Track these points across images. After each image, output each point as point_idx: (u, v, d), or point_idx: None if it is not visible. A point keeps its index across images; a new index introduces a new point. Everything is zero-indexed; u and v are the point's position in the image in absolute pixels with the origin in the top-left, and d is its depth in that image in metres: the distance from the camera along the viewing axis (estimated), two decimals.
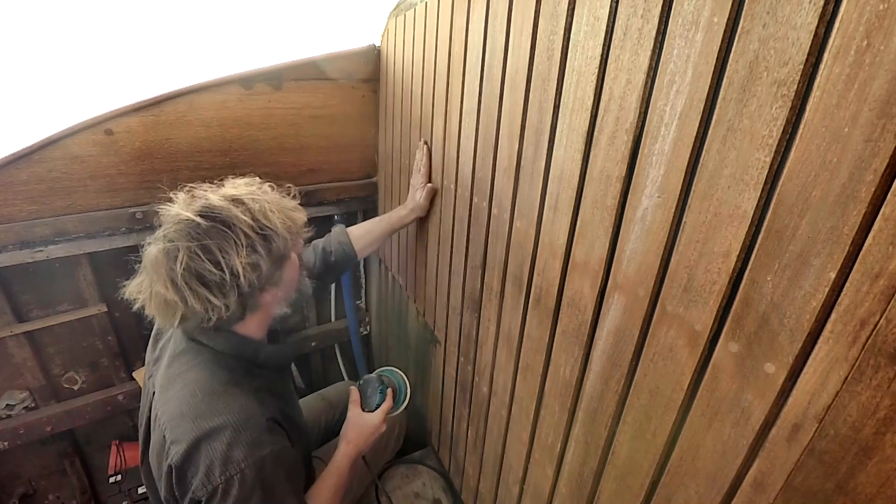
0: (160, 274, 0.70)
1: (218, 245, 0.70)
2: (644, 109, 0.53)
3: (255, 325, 0.84)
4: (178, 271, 0.69)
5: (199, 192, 0.77)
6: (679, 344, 0.51)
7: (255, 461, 0.70)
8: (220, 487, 0.69)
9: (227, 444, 0.70)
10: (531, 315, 0.82)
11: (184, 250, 0.69)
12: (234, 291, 0.72)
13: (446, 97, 1.03)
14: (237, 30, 2.86)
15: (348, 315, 1.90)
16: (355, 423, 1.02)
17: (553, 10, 0.66)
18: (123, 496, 1.66)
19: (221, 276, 0.70)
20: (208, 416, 0.72)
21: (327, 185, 1.68)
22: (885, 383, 0.34)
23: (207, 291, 0.70)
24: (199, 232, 0.70)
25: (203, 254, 0.69)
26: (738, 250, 0.44)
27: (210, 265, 0.69)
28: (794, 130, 0.38)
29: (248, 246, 0.72)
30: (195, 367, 0.79)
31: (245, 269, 0.71)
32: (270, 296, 0.81)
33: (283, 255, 0.79)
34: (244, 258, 0.71)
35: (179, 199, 0.76)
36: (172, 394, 0.78)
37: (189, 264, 0.69)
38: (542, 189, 0.73)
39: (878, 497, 0.36)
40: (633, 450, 0.61)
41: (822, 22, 0.36)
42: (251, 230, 0.73)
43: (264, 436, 0.73)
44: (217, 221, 0.72)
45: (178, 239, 0.70)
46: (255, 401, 0.77)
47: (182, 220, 0.71)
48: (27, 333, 1.38)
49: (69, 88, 2.52)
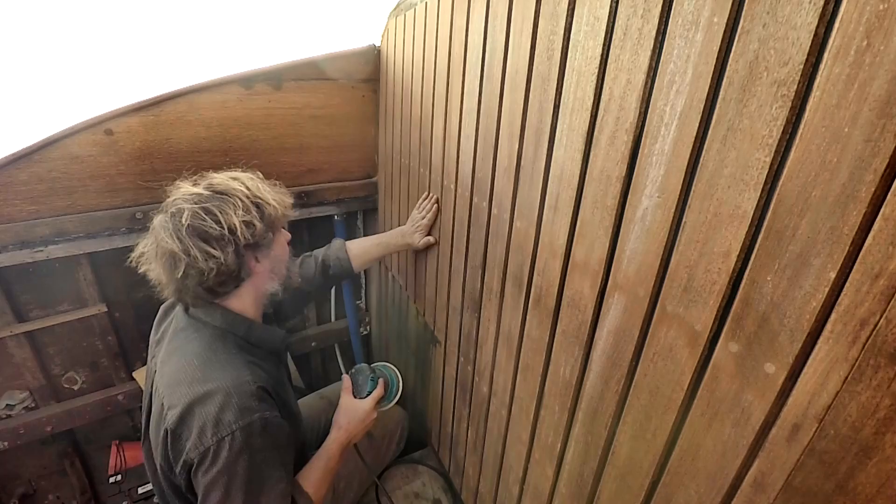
0: (167, 231, 0.79)
1: (218, 207, 0.80)
2: (644, 109, 0.53)
3: (250, 300, 0.90)
4: (183, 226, 0.78)
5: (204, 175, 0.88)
6: (679, 344, 0.51)
7: (245, 425, 0.74)
8: (210, 448, 0.72)
9: (218, 407, 0.74)
10: (531, 315, 0.82)
11: (188, 211, 0.79)
12: (231, 245, 0.80)
13: (446, 97, 1.03)
14: (237, 30, 2.86)
15: (348, 315, 1.90)
16: (346, 409, 1.05)
17: (553, 10, 0.66)
18: (123, 496, 1.66)
19: (220, 231, 0.79)
20: (202, 382, 0.77)
21: (327, 185, 1.68)
22: (885, 383, 0.34)
23: (207, 244, 0.78)
24: (202, 198, 0.81)
25: (204, 213, 0.79)
26: (738, 250, 0.44)
27: (211, 221, 0.79)
28: (794, 130, 0.38)
29: (244, 208, 0.82)
30: (193, 341, 0.84)
31: (241, 226, 0.80)
32: (263, 265, 0.88)
33: (274, 223, 0.88)
34: (240, 217, 0.81)
35: (185, 183, 0.86)
36: (171, 365, 0.83)
37: (192, 221, 0.78)
38: (542, 189, 0.73)
39: (878, 497, 0.36)
40: (633, 450, 0.61)
41: (822, 22, 0.36)
42: (247, 198, 0.83)
43: (254, 401, 0.77)
44: (217, 192, 0.83)
45: (184, 204, 0.80)
46: (248, 370, 0.81)
47: (187, 192, 0.83)
48: (27, 333, 1.38)
49: (69, 88, 2.52)
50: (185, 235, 0.77)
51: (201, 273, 0.79)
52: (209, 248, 0.78)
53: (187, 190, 0.83)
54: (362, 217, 1.90)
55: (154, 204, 1.40)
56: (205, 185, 0.84)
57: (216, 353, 0.82)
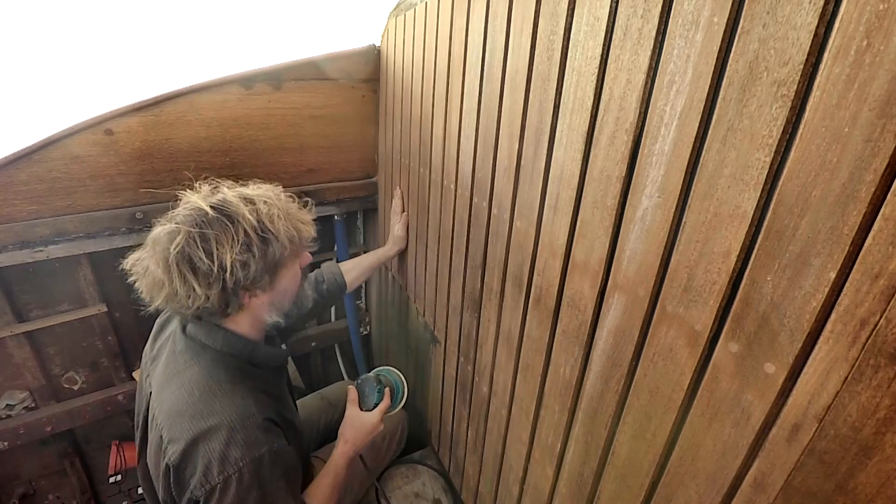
0: (156, 251, 0.73)
1: (216, 236, 0.73)
2: (644, 109, 0.53)
3: (247, 325, 0.85)
4: (173, 253, 0.71)
5: (222, 187, 0.81)
6: (679, 344, 0.51)
7: (253, 460, 0.71)
8: (218, 487, 0.69)
9: (224, 444, 0.70)
10: (531, 315, 0.82)
11: (184, 234, 0.72)
12: (217, 284, 0.73)
13: (446, 97, 1.03)
14: (237, 30, 2.86)
15: (348, 315, 1.90)
16: (353, 423, 1.03)
17: (553, 10, 0.66)
18: (123, 496, 1.66)
19: (210, 266, 0.72)
20: (206, 416, 0.73)
21: (327, 185, 1.68)
22: (885, 383, 0.34)
23: (193, 278, 0.72)
24: (204, 221, 0.73)
25: (199, 241, 0.72)
26: (738, 250, 0.44)
27: (202, 253, 0.72)
28: (794, 130, 0.38)
29: (243, 244, 0.74)
30: (192, 366, 0.79)
31: (234, 266, 0.73)
32: (260, 299, 0.82)
33: (278, 263, 0.80)
34: (236, 255, 0.73)
35: (203, 189, 0.80)
36: (169, 392, 0.78)
37: (184, 248, 0.72)
38: (542, 189, 0.73)
39: (878, 497, 0.36)
40: (633, 450, 0.61)
41: (822, 22, 0.36)
42: (252, 230, 0.75)
43: (261, 435, 0.74)
44: (223, 215, 0.74)
45: (183, 223, 0.73)
46: (252, 400, 0.77)
47: (193, 207, 0.75)
48: (27, 333, 1.38)
49: (69, 88, 2.52)
50: (171, 262, 0.71)
51: (181, 304, 0.75)
52: (193, 283, 0.72)
53: (195, 203, 0.76)
54: (362, 217, 1.90)
55: (154, 204, 1.41)
56: (215, 200, 0.76)
57: (219, 383, 0.77)
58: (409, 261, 1.43)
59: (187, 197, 0.78)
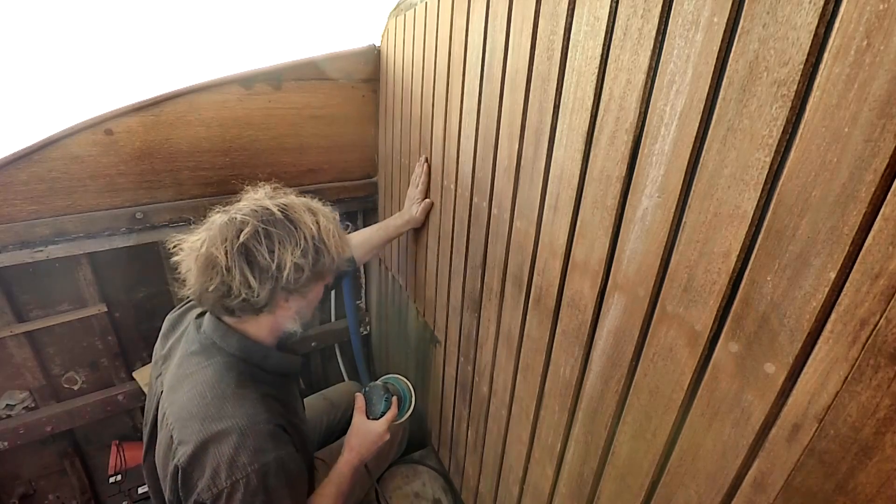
0: (224, 237, 0.75)
1: (279, 237, 0.76)
2: (644, 109, 0.53)
3: (266, 330, 0.86)
4: (238, 242, 0.74)
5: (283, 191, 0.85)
6: (679, 344, 0.51)
7: (260, 466, 0.71)
8: (225, 491, 0.70)
9: (233, 448, 0.71)
10: (531, 315, 0.82)
11: (251, 227, 0.74)
12: (270, 282, 0.76)
13: (446, 97, 1.03)
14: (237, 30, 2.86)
15: (348, 315, 1.90)
16: (359, 431, 1.02)
17: (553, 10, 0.66)
18: (123, 496, 1.66)
19: (268, 263, 0.74)
20: (216, 419, 0.73)
21: (327, 185, 1.68)
22: (885, 383, 0.34)
23: (250, 271, 0.74)
24: (270, 219, 0.76)
25: (264, 238, 0.75)
26: (738, 250, 0.44)
27: (265, 250, 0.75)
28: (794, 130, 0.38)
29: (303, 250, 0.77)
30: (205, 369, 0.80)
31: (291, 268, 0.76)
32: (290, 305, 0.83)
33: (322, 274, 0.83)
34: (295, 258, 0.76)
35: (265, 188, 0.83)
36: (181, 394, 0.79)
37: (249, 240, 0.74)
38: (542, 189, 0.73)
39: (878, 497, 0.36)
40: (633, 450, 0.61)
41: (822, 22, 0.36)
42: (311, 239, 0.79)
43: (269, 442, 0.74)
44: (288, 218, 0.78)
45: (250, 217, 0.76)
46: (263, 406, 0.78)
47: (260, 205, 0.78)
48: (27, 333, 1.38)
49: (69, 88, 2.52)
50: (235, 251, 0.73)
51: (228, 293, 0.75)
52: (249, 276, 0.74)
53: (260, 200, 0.79)
54: (362, 217, 1.90)
55: (154, 204, 1.41)
56: (280, 203, 0.79)
57: (230, 386, 0.78)
58: (409, 261, 1.43)
59: (251, 193, 0.81)
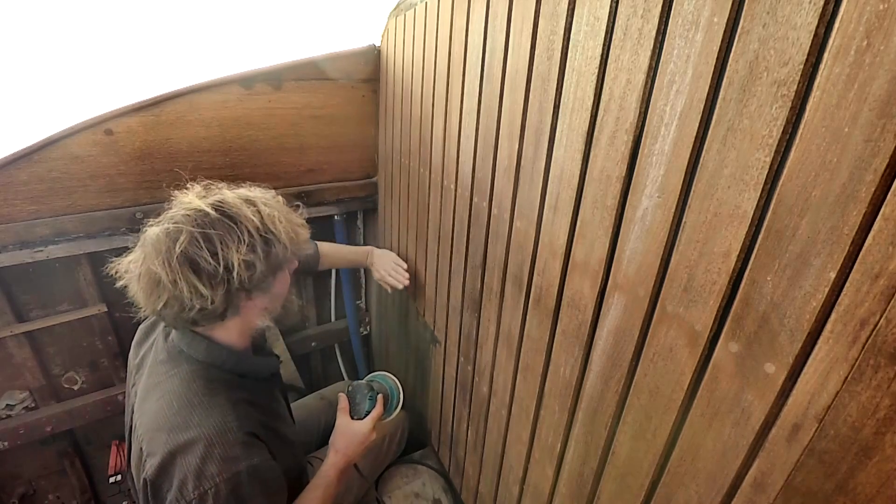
0: (158, 252, 0.70)
1: (220, 237, 0.71)
2: (644, 109, 0.53)
3: (236, 333, 0.82)
4: (176, 253, 0.69)
5: (216, 187, 0.79)
6: (679, 344, 0.51)
7: (230, 476, 0.69)
8: (193, 502, 0.67)
9: (200, 459, 0.68)
10: (531, 315, 0.82)
11: (186, 234, 0.70)
12: (222, 286, 0.72)
13: (446, 97, 1.03)
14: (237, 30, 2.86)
15: (348, 315, 1.90)
16: (343, 432, 0.98)
17: (553, 10, 0.66)
18: (123, 496, 1.66)
19: (216, 266, 0.70)
20: (183, 429, 0.71)
21: (327, 185, 1.68)
22: (885, 383, 0.34)
23: (198, 279, 0.70)
24: (206, 221, 0.71)
25: (203, 241, 0.70)
26: (738, 250, 0.44)
27: (207, 254, 0.70)
28: (794, 130, 0.38)
29: (249, 245, 0.72)
30: (173, 377, 0.77)
31: (240, 266, 0.71)
32: (255, 303, 0.80)
33: (279, 265, 0.79)
34: (242, 255, 0.71)
35: (195, 189, 0.77)
36: (150, 404, 0.77)
37: (188, 248, 0.69)
38: (542, 189, 0.73)
39: (878, 497, 0.36)
40: (633, 450, 0.61)
41: (822, 22, 0.35)
42: (256, 231, 0.74)
43: (240, 450, 0.71)
44: (225, 216, 0.73)
45: (184, 223, 0.71)
46: (233, 414, 0.74)
47: (192, 207, 0.73)
48: (27, 333, 1.38)
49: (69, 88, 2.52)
50: (175, 263, 0.69)
51: (182, 307, 0.71)
52: (198, 284, 0.70)
53: (192, 203, 0.73)
54: (362, 217, 1.89)
55: (154, 204, 1.41)
56: (214, 201, 0.74)
57: (198, 395, 0.74)
58: (409, 261, 1.43)
59: (181, 197, 0.76)
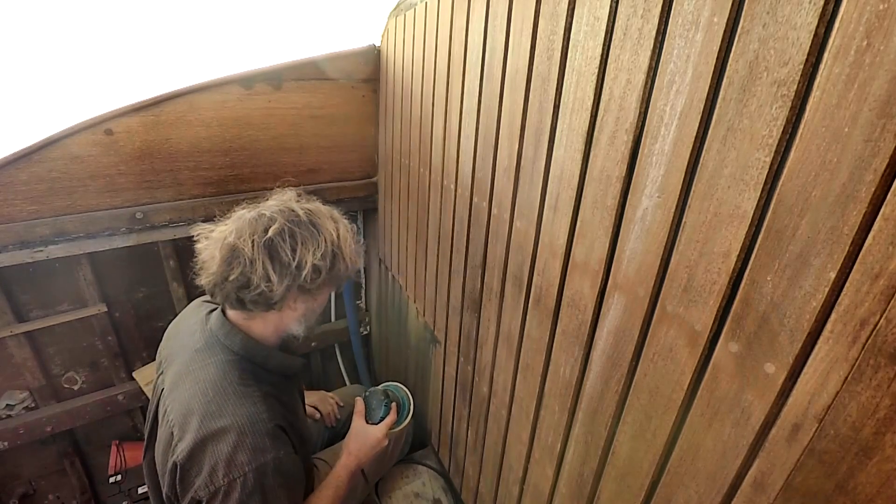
0: (250, 230, 0.78)
1: (303, 237, 0.79)
2: (644, 109, 0.53)
3: (272, 329, 0.87)
4: (266, 236, 0.77)
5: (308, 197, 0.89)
6: (679, 344, 0.51)
7: (258, 466, 0.72)
8: (221, 489, 0.70)
9: (232, 447, 0.71)
10: (531, 315, 0.82)
11: (278, 224, 0.78)
12: (289, 279, 0.78)
13: (446, 97, 1.03)
14: (237, 30, 2.86)
15: (348, 315, 1.90)
16: (358, 435, 1.04)
17: (553, 10, 0.66)
18: (123, 496, 1.66)
19: (290, 261, 0.77)
20: (217, 416, 0.74)
21: (327, 185, 1.68)
22: (885, 383, 0.34)
23: (272, 266, 0.77)
24: (296, 220, 0.80)
25: (289, 236, 0.78)
26: (738, 250, 0.44)
27: (288, 248, 0.77)
28: (794, 130, 0.38)
29: (323, 253, 0.80)
30: (208, 366, 0.81)
31: (310, 268, 0.78)
32: (298, 306, 0.85)
33: (335, 280, 0.86)
34: (316, 259, 0.79)
35: (291, 192, 0.88)
36: (183, 390, 0.80)
37: (274, 237, 0.77)
38: (542, 189, 0.73)
39: (878, 497, 0.36)
40: (633, 450, 0.61)
41: (822, 22, 0.35)
42: (332, 244, 0.82)
43: (269, 441, 0.74)
44: (312, 222, 0.82)
45: (278, 215, 0.80)
46: (264, 406, 0.78)
47: (288, 207, 0.82)
48: (27, 333, 1.38)
49: (69, 88, 2.52)
50: (261, 245, 0.76)
51: (247, 284, 0.77)
52: (270, 270, 0.76)
53: (288, 202, 0.83)
54: (362, 217, 1.90)
55: (154, 204, 1.41)
56: (306, 207, 0.83)
57: (233, 385, 0.79)
58: (409, 261, 1.43)
59: (279, 195, 0.86)
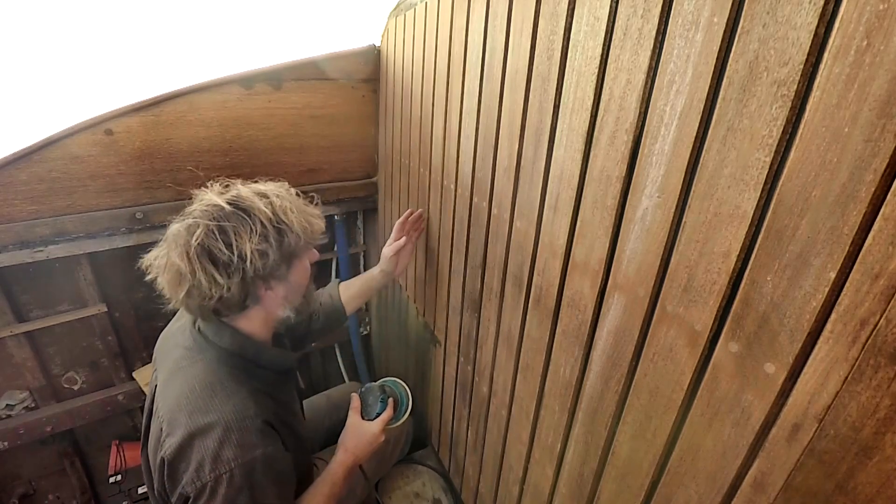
0: (178, 245, 0.75)
1: (234, 228, 0.76)
2: (644, 109, 0.53)
3: (259, 323, 0.86)
4: (193, 245, 0.74)
5: (232, 184, 0.85)
6: (679, 344, 0.51)
7: (245, 462, 0.71)
8: (208, 485, 0.70)
9: (218, 442, 0.71)
10: (531, 315, 0.82)
11: (202, 227, 0.75)
12: (238, 274, 0.76)
13: (446, 97, 1.03)
14: (237, 30, 2.86)
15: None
16: (354, 431, 1.02)
17: (553, 10, 0.66)
18: (123, 496, 1.66)
19: (230, 256, 0.75)
20: (203, 412, 0.74)
21: (327, 185, 1.68)
22: (885, 383, 0.34)
23: (214, 269, 0.75)
24: (221, 215, 0.77)
25: (218, 233, 0.75)
26: (738, 250, 0.44)
27: (222, 245, 0.74)
28: (794, 130, 0.38)
29: (261, 234, 0.77)
30: (198, 363, 0.81)
31: (253, 255, 0.75)
32: (275, 292, 0.84)
33: (293, 253, 0.83)
34: (254, 244, 0.76)
35: (214, 188, 0.83)
36: (173, 387, 0.80)
37: (203, 240, 0.74)
38: (542, 189, 0.73)
39: (878, 497, 0.36)
40: (633, 450, 0.61)
41: (822, 22, 0.35)
42: (268, 221, 0.78)
43: (256, 438, 0.74)
44: (239, 209, 0.78)
45: (201, 218, 0.76)
46: (252, 401, 0.78)
47: (209, 203, 0.79)
48: (27, 333, 1.38)
49: (69, 88, 2.52)
50: (193, 255, 0.74)
51: (203, 296, 0.76)
52: (215, 273, 0.74)
53: (209, 200, 0.79)
54: (362, 217, 1.90)
55: (154, 204, 1.41)
56: (229, 196, 0.80)
57: (220, 381, 0.78)
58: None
59: (201, 194, 0.81)
